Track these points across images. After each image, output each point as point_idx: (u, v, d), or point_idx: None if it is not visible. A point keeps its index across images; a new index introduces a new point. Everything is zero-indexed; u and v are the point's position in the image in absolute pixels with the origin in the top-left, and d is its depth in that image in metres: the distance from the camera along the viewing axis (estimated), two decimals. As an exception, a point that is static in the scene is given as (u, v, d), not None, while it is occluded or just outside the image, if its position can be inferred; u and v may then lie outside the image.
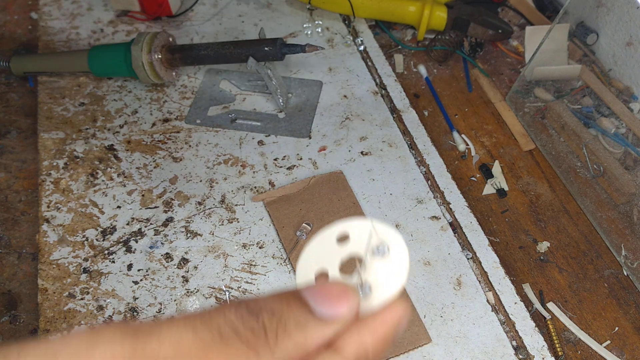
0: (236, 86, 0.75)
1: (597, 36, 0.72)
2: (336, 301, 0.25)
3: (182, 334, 0.22)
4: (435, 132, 0.72)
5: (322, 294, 0.25)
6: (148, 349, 0.21)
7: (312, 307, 0.24)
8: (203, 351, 0.22)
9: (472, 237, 0.62)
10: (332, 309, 0.24)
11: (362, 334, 0.25)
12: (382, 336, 0.25)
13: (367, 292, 0.27)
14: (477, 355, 0.54)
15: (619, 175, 0.64)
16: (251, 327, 0.23)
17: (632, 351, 0.56)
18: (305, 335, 0.24)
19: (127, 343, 0.21)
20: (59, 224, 0.62)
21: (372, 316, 0.25)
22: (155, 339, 0.21)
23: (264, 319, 0.23)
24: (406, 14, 0.79)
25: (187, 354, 0.21)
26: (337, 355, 0.24)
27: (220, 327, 0.22)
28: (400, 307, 0.26)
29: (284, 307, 0.24)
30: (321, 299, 0.25)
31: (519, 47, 0.81)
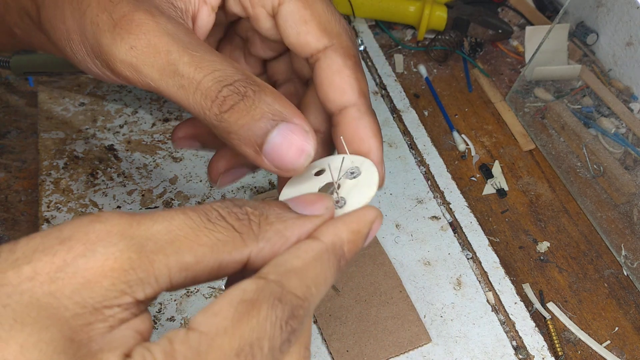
0: (236, 86, 0.75)
1: (597, 36, 0.72)
2: (312, 203, 0.28)
3: (174, 215, 0.24)
4: (435, 132, 0.72)
5: (299, 199, 0.28)
6: (142, 225, 0.23)
7: (291, 207, 0.28)
8: (193, 231, 0.24)
9: (472, 237, 0.62)
10: (309, 207, 0.28)
11: (337, 226, 0.27)
12: (356, 229, 0.27)
13: (342, 204, 0.30)
14: (477, 355, 0.54)
15: (619, 175, 0.64)
16: (236, 215, 0.25)
17: (632, 351, 0.56)
18: (285, 225, 0.26)
19: (123, 219, 0.23)
20: (59, 224, 0.62)
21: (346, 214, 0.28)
22: (148, 218, 0.24)
23: (247, 209, 0.26)
24: (406, 14, 0.79)
25: (178, 233, 0.23)
26: (315, 240, 0.26)
27: (208, 213, 0.25)
28: (372, 208, 0.29)
29: (265, 205, 0.27)
30: (298, 202, 0.28)
31: (519, 47, 0.81)
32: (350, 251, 0.27)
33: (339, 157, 0.33)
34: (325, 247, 0.26)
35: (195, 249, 0.23)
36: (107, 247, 0.22)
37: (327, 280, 0.26)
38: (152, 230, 0.23)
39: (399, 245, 0.61)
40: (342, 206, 0.29)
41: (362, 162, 0.32)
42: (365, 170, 0.31)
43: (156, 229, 0.23)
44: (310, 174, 0.32)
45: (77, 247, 0.22)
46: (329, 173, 0.31)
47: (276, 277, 0.24)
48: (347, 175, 0.31)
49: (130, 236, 0.23)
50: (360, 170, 0.31)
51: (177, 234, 0.23)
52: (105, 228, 0.23)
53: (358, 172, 0.31)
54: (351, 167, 0.31)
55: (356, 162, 0.32)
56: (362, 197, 0.30)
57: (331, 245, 0.26)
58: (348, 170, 0.31)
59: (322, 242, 0.26)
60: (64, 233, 0.23)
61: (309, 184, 0.32)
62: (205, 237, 0.24)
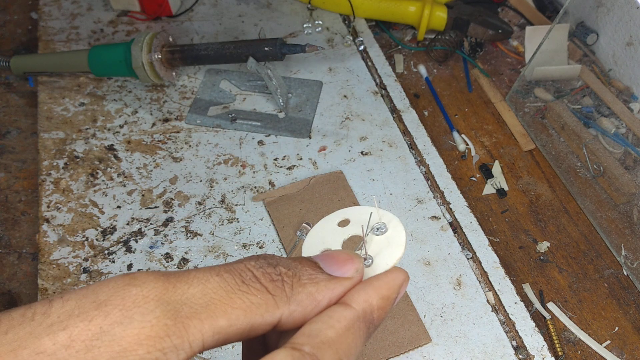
0: (236, 86, 0.75)
1: (597, 36, 0.72)
2: (343, 263, 0.27)
3: (209, 278, 0.24)
4: (435, 132, 0.72)
5: (330, 257, 0.28)
6: (178, 289, 0.23)
7: (322, 267, 0.27)
8: (227, 293, 0.24)
9: (472, 237, 0.62)
10: (340, 269, 0.27)
11: (368, 292, 0.27)
12: (386, 294, 0.27)
13: (369, 263, 0.29)
14: (477, 355, 0.54)
15: (619, 175, 0.64)
16: (270, 275, 0.25)
17: (632, 351, 0.56)
18: (317, 287, 0.26)
19: (159, 283, 0.23)
20: (59, 224, 0.62)
21: (375, 277, 0.28)
22: (184, 281, 0.24)
23: (281, 270, 0.26)
24: (406, 13, 0.79)
25: (212, 296, 0.24)
26: (347, 308, 0.26)
27: (243, 274, 0.25)
28: (400, 271, 0.28)
29: (298, 264, 0.27)
30: (330, 261, 0.27)
31: (519, 47, 0.81)
32: (380, 317, 0.27)
33: (366, 210, 0.32)
34: (357, 316, 0.26)
35: (229, 312, 0.23)
36: (144, 314, 0.22)
37: (357, 348, 0.26)
38: (187, 294, 0.23)
39: (399, 245, 0.61)
40: (370, 265, 0.29)
41: (389, 218, 0.31)
42: (392, 228, 0.31)
43: (191, 293, 0.23)
44: (333, 223, 0.32)
45: (114, 314, 0.22)
46: (354, 226, 0.31)
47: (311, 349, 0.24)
48: (373, 230, 0.31)
49: (166, 301, 0.23)
50: (387, 227, 0.31)
51: (211, 297, 0.23)
52: (142, 293, 0.22)
53: (384, 228, 0.31)
54: (378, 223, 0.31)
55: (383, 217, 0.31)
56: (391, 257, 0.29)
57: (362, 313, 0.26)
58: (374, 226, 0.31)
59: (353, 309, 0.26)
60: (100, 296, 0.22)
61: (333, 236, 0.31)
62: (239, 300, 0.24)
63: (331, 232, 0.32)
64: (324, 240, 0.31)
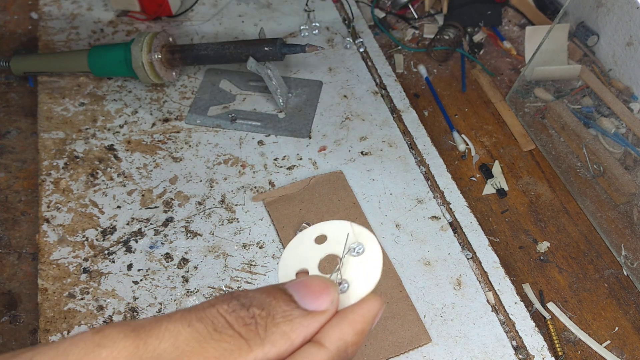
0: (236, 86, 0.75)
1: (597, 37, 0.72)
2: (318, 294, 0.27)
3: (180, 329, 0.24)
4: (435, 132, 0.72)
5: (305, 287, 0.27)
6: (149, 346, 0.23)
7: (297, 300, 0.26)
8: (200, 344, 0.23)
9: (472, 237, 0.62)
10: (315, 301, 0.26)
11: (342, 328, 0.26)
12: (360, 329, 0.26)
13: (344, 289, 0.29)
14: (477, 355, 0.54)
15: (619, 175, 0.64)
16: (243, 319, 0.25)
17: (632, 351, 0.56)
18: (292, 326, 0.25)
19: (129, 341, 0.23)
20: (59, 224, 0.62)
21: (350, 310, 0.27)
22: (154, 336, 0.23)
23: (254, 311, 0.25)
24: None
25: (185, 348, 0.23)
26: (321, 349, 0.25)
27: (214, 320, 0.24)
28: (376, 300, 0.28)
29: (272, 300, 0.26)
30: (304, 293, 0.27)
31: (511, 50, 0.81)
32: (354, 352, 0.27)
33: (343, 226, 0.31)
34: (331, 356, 0.25)
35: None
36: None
37: None
38: (159, 350, 0.23)
39: (399, 245, 0.61)
40: (345, 290, 0.29)
41: (366, 238, 0.30)
42: (369, 249, 0.30)
43: (163, 348, 0.23)
44: (310, 239, 0.31)
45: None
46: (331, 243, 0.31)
47: None
48: (350, 251, 0.30)
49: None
50: (364, 247, 0.30)
51: (184, 349, 0.23)
52: (112, 355, 0.22)
53: (362, 248, 0.30)
54: (354, 242, 0.30)
55: (360, 236, 0.30)
56: (367, 284, 0.29)
57: (336, 352, 0.26)
58: (351, 246, 0.30)
59: (327, 350, 0.25)
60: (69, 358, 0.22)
61: (310, 254, 0.31)
62: (212, 350, 0.23)
63: (308, 249, 0.31)
64: (301, 259, 0.31)
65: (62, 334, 0.55)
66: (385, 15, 0.85)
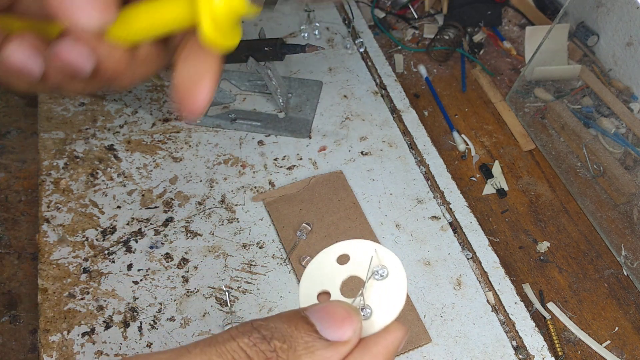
0: (236, 86, 0.75)
1: (597, 38, 0.72)
2: (341, 324, 0.26)
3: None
4: (435, 132, 0.72)
5: (327, 315, 0.26)
6: None
7: (319, 329, 0.26)
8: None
9: (472, 237, 0.62)
10: (337, 331, 0.26)
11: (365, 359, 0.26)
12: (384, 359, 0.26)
13: (367, 314, 0.28)
14: (477, 355, 0.54)
15: (619, 175, 0.64)
16: (264, 353, 0.24)
17: (632, 351, 0.56)
18: (314, 358, 0.25)
19: None
20: (59, 224, 0.62)
21: (374, 341, 0.27)
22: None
23: (275, 344, 0.24)
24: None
25: None
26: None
27: (235, 355, 0.23)
28: (399, 330, 0.27)
29: (293, 330, 0.25)
30: (326, 321, 0.26)
31: (511, 50, 0.81)
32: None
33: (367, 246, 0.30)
34: None
35: None
36: None
37: None
38: None
39: (399, 245, 0.61)
40: (369, 317, 0.28)
41: (391, 262, 0.29)
42: (393, 274, 0.29)
43: None
44: (332, 259, 0.30)
45: None
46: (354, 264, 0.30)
47: None
48: (373, 274, 0.29)
49: None
50: (388, 270, 0.29)
51: None
52: None
53: (385, 272, 0.29)
54: (379, 265, 0.29)
55: (384, 259, 0.30)
56: (392, 311, 0.28)
57: None
58: (374, 269, 0.29)
59: None
60: None
61: (332, 275, 0.30)
62: None
63: (330, 269, 0.30)
64: (322, 280, 0.30)
65: (62, 334, 0.55)
66: (385, 15, 0.85)
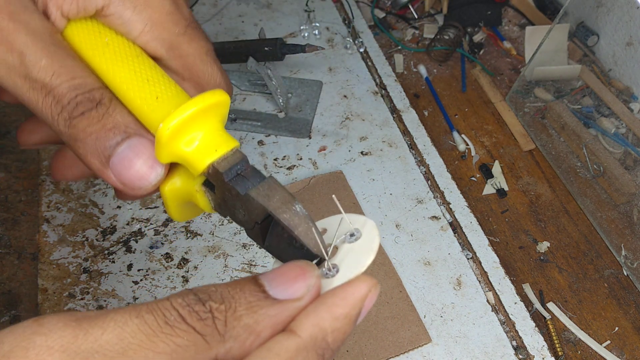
0: (236, 86, 0.75)
1: (597, 38, 0.72)
2: (293, 281, 0.24)
3: (127, 320, 0.21)
4: (435, 132, 0.72)
5: (278, 274, 0.24)
6: (90, 336, 0.21)
7: (267, 289, 0.24)
8: (148, 337, 0.21)
9: (472, 237, 0.62)
10: (287, 289, 0.24)
11: (318, 313, 0.23)
12: (342, 314, 0.23)
13: (333, 274, 0.26)
14: (477, 355, 0.54)
15: (619, 175, 0.64)
16: (197, 314, 0.22)
17: (632, 351, 0.56)
18: (256, 317, 0.23)
19: (69, 330, 0.21)
20: (59, 224, 0.62)
21: (330, 293, 0.24)
22: (98, 326, 0.21)
23: (211, 305, 0.23)
24: None
25: (131, 341, 0.21)
26: (291, 336, 0.23)
27: (167, 313, 0.22)
28: (363, 282, 0.24)
29: (237, 292, 0.23)
30: (276, 280, 0.24)
31: (511, 50, 0.81)
32: (337, 339, 0.23)
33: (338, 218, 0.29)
34: (303, 345, 0.22)
35: (151, 357, 0.21)
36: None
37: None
38: (100, 342, 0.21)
39: (399, 245, 0.61)
40: (334, 276, 0.26)
41: (363, 223, 0.28)
42: (366, 233, 0.28)
43: (105, 339, 0.21)
44: None
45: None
46: (330, 235, 0.29)
47: None
48: (346, 238, 0.28)
49: (74, 351, 0.20)
50: (361, 232, 0.28)
51: (129, 342, 0.21)
52: (46, 343, 0.20)
53: (359, 234, 0.28)
54: (351, 230, 0.28)
55: (357, 222, 0.29)
56: (357, 266, 0.26)
57: (310, 341, 0.23)
58: (348, 233, 0.28)
59: (298, 338, 0.22)
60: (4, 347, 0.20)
61: None
62: (163, 344, 0.21)
63: None
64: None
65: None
66: (385, 15, 0.85)
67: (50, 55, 0.27)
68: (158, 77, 0.29)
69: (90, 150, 0.27)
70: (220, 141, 0.28)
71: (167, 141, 0.27)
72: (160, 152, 0.27)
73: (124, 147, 0.27)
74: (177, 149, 0.27)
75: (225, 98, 0.28)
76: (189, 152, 0.28)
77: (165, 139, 0.26)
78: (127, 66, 0.28)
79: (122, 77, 0.28)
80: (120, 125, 0.27)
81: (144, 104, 0.27)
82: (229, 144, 0.28)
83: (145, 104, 0.27)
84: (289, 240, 0.28)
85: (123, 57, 0.29)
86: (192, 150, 0.28)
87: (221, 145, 0.28)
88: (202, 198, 0.30)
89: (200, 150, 0.28)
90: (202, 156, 0.28)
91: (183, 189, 0.30)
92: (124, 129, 0.27)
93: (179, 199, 0.30)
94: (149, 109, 0.27)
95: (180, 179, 0.29)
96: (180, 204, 0.30)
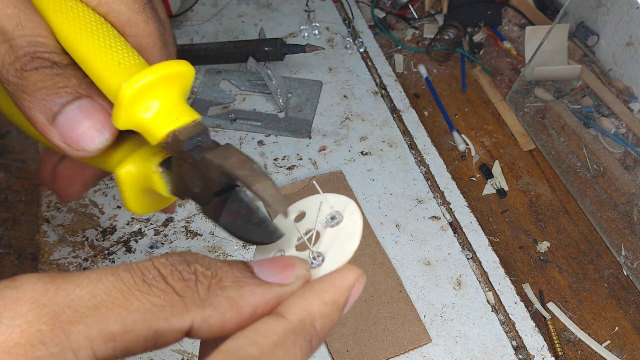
0: (236, 86, 0.75)
1: (597, 38, 0.72)
2: (283, 269, 0.24)
3: (102, 277, 0.21)
4: (435, 132, 0.72)
5: (269, 262, 0.24)
6: (62, 291, 0.20)
7: (256, 271, 0.24)
8: (123, 295, 0.20)
9: (472, 237, 0.62)
10: (276, 275, 0.23)
11: (307, 298, 0.23)
12: (329, 300, 0.23)
13: (319, 262, 0.26)
14: (477, 355, 0.54)
15: (619, 175, 0.64)
16: (180, 273, 0.22)
17: (632, 351, 0.56)
18: (241, 292, 0.22)
19: (40, 284, 0.20)
20: (59, 224, 0.62)
21: (318, 280, 0.24)
22: (71, 282, 0.20)
23: (197, 268, 0.22)
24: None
25: (104, 298, 0.20)
26: (279, 319, 0.22)
27: (145, 272, 0.21)
28: (350, 270, 0.24)
29: (225, 265, 0.23)
30: (267, 266, 0.24)
31: (511, 50, 0.81)
32: (325, 327, 0.23)
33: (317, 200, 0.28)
34: (292, 328, 0.22)
35: (124, 316, 0.20)
36: (14, 318, 0.19)
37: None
38: (72, 296, 0.20)
39: (399, 245, 0.61)
40: (320, 264, 0.25)
41: (344, 205, 0.27)
42: (347, 216, 0.27)
43: (78, 294, 0.20)
44: (289, 220, 0.29)
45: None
46: (310, 219, 0.28)
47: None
48: (327, 222, 0.27)
49: (43, 304, 0.20)
50: (342, 215, 0.27)
51: (102, 299, 0.20)
52: (16, 295, 0.20)
53: (340, 217, 0.27)
54: (331, 212, 0.27)
55: (337, 203, 0.27)
56: (343, 253, 0.25)
57: (299, 325, 0.22)
58: (328, 216, 0.27)
59: (286, 321, 0.22)
60: None
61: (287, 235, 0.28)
62: (137, 302, 0.20)
63: (286, 231, 0.28)
64: (278, 242, 0.28)
65: (62, 334, 0.55)
66: (385, 15, 0.85)
67: (18, 7, 0.26)
68: (121, 44, 0.28)
69: (37, 105, 0.26)
70: (181, 111, 0.27)
71: (128, 103, 0.26)
72: (119, 115, 0.26)
73: (74, 107, 0.26)
74: (136, 114, 0.26)
75: (190, 69, 0.27)
76: (149, 118, 0.26)
77: (127, 100, 0.25)
78: (91, 31, 0.27)
79: (84, 41, 0.27)
80: (73, 86, 0.26)
81: (104, 68, 0.26)
82: (192, 115, 0.27)
83: (105, 69, 0.26)
84: (248, 216, 0.27)
85: (87, 22, 0.28)
86: (152, 117, 0.26)
87: (183, 115, 0.27)
88: (158, 180, 0.29)
89: (161, 117, 0.26)
90: (162, 123, 0.26)
91: (140, 172, 0.29)
92: (76, 90, 0.26)
93: (136, 185, 0.29)
94: (109, 74, 0.26)
95: (136, 163, 0.28)
96: (138, 191, 0.29)
